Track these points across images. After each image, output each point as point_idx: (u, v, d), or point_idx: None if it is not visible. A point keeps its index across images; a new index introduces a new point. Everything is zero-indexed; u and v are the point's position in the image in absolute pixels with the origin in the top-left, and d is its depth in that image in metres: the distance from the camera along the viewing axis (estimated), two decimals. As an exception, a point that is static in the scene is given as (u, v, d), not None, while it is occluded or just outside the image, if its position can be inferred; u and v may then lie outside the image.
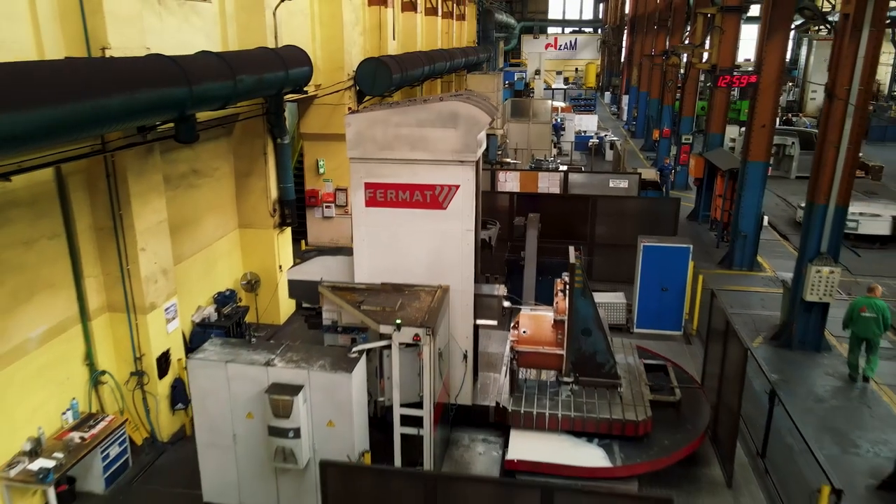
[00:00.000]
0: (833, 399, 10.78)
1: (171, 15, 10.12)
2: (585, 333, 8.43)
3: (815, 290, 11.72)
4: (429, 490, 5.43)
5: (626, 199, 16.15)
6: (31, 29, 7.41)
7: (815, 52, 45.31)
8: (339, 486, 5.62)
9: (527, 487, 5.51)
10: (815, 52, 45.53)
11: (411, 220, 8.50)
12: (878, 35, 10.59)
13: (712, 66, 19.10)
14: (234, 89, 9.31)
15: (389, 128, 8.19)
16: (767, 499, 8.28)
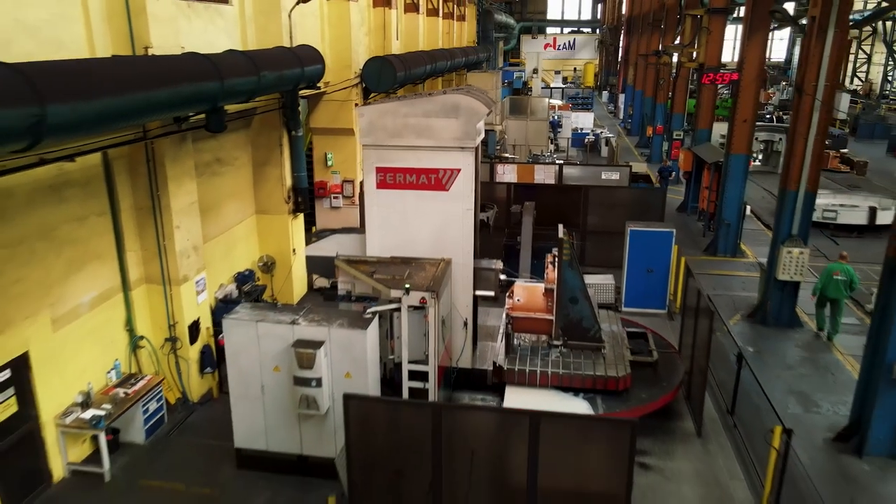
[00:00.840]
0: (801, 367, 11.82)
1: (197, 17, 11.14)
2: (573, 301, 9.48)
3: (786, 269, 12.77)
4: (435, 418, 6.47)
5: (616, 189, 17.20)
6: (84, 30, 8.44)
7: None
8: (359, 417, 6.66)
9: (518, 414, 6.57)
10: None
11: (417, 200, 9.55)
12: (841, 36, 11.64)
13: (700, 64, 20.15)
14: (258, 84, 10.35)
15: (398, 118, 9.23)
16: (733, 447, 9.33)
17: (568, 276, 9.35)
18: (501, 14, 51.76)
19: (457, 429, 6.63)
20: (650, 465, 8.87)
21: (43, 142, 6.13)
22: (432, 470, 6.69)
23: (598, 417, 7.45)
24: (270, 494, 8.52)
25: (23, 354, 7.97)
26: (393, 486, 6.84)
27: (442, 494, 6.73)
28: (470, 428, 6.64)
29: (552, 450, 6.40)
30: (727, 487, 8.52)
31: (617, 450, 6.39)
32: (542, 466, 6.44)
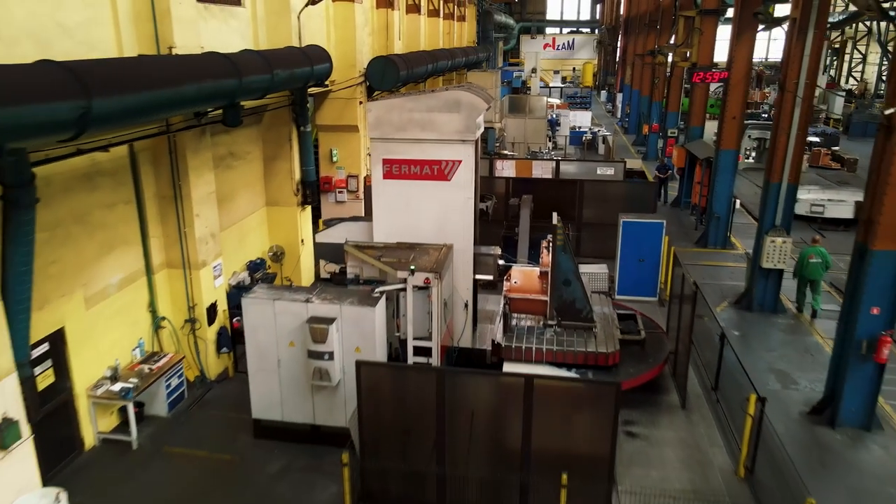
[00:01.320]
0: (782, 349, 12.52)
1: (213, 18, 11.84)
2: (566, 283, 10.18)
3: (770, 257, 13.46)
4: (439, 381, 7.18)
5: (610, 183, 17.90)
6: (113, 32, 9.14)
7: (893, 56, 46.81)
8: (370, 381, 7.37)
9: (514, 377, 7.28)
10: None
11: (421, 189, 10.26)
12: (820, 36, 12.35)
13: (693, 64, 20.85)
14: (272, 81, 11.05)
15: (404, 113, 9.94)
16: (715, 418, 10.05)
17: (561, 259, 10.05)
18: (501, 14, 52.46)
19: (458, 392, 7.33)
20: (637, 433, 9.58)
21: (87, 132, 6.84)
22: (436, 429, 7.40)
23: (585, 379, 8.17)
24: (286, 461, 9.22)
25: (59, 330, 8.67)
26: (400, 444, 7.54)
27: (445, 452, 7.43)
28: (470, 391, 7.34)
29: (544, 411, 7.11)
30: (707, 453, 9.23)
31: (602, 411, 7.09)
32: (535, 428, 7.15)
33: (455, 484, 7.51)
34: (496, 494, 7.55)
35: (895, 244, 8.98)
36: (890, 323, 9.29)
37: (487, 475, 7.46)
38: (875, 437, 9.71)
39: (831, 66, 55.05)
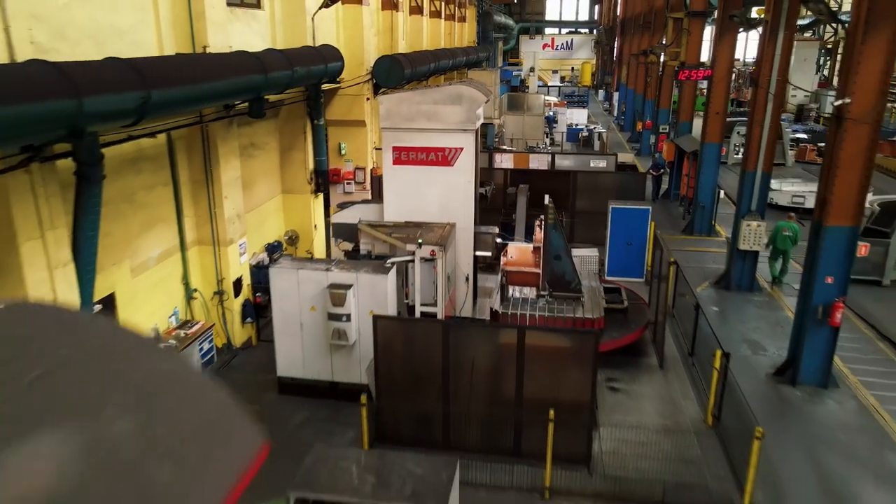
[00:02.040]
0: (755, 322, 13.73)
1: (237, 20, 13.05)
2: (556, 258, 11.38)
3: (746, 240, 14.66)
4: (444, 332, 8.38)
5: (601, 174, 19.10)
6: (155, 33, 10.34)
7: (795, 52, 48.23)
8: (385, 333, 8.57)
9: (509, 327, 8.48)
10: (795, 53, 48.45)
11: (427, 174, 11.46)
12: (790, 37, 13.55)
13: (681, 63, 22.05)
14: (292, 78, 12.26)
15: (412, 105, 11.14)
16: (689, 378, 11.26)
17: (553, 236, 11.26)
18: (501, 15, 53.69)
19: (461, 342, 8.54)
20: (618, 388, 10.79)
21: (145, 118, 8.06)
22: (441, 376, 8.60)
23: (569, 329, 9.40)
24: (308, 413, 10.42)
25: (111, 294, 9.88)
26: (411, 389, 8.75)
27: (449, 395, 8.64)
28: (471, 341, 8.55)
29: (534, 358, 8.31)
30: (680, 405, 10.44)
31: (583, 358, 8.29)
32: (527, 373, 8.35)
33: (458, 423, 8.71)
34: (494, 432, 8.76)
35: (845, 221, 10.18)
36: (842, 290, 10.49)
37: (486, 414, 8.67)
38: (831, 394, 10.92)
39: (824, 66, 56.26)
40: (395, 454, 5.91)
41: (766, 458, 9.12)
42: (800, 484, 8.74)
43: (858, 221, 10.25)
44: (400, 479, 5.45)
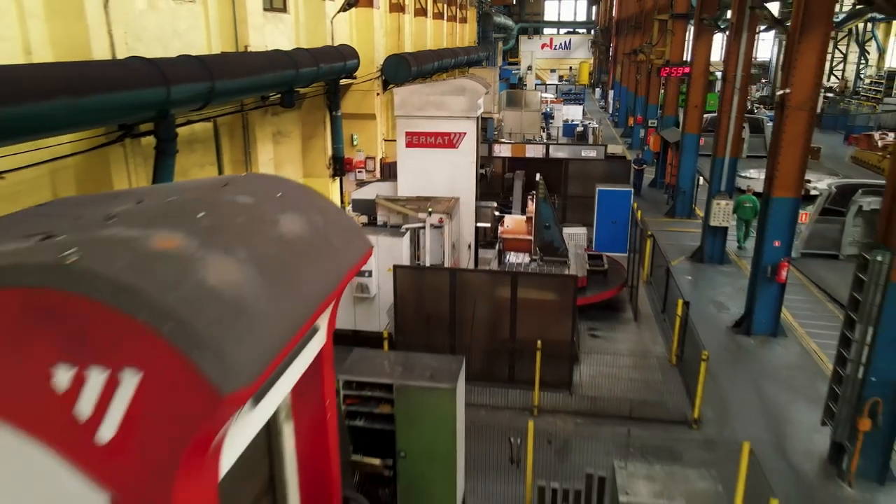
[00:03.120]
0: (722, 288, 15.63)
1: (268, 23, 14.95)
2: (546, 227, 13.27)
3: (716, 217, 16.56)
4: (451, 278, 10.27)
5: (591, 162, 20.97)
6: (205, 35, 12.25)
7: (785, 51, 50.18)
8: (403, 280, 10.46)
9: (504, 274, 10.38)
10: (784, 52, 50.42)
11: (435, 155, 13.34)
12: (751, 37, 15.44)
13: (666, 61, 23.94)
14: (317, 73, 14.17)
15: (422, 96, 13.03)
16: (659, 329, 13.15)
17: (543, 208, 13.15)
18: (500, 16, 55.60)
19: (464, 286, 10.44)
20: (598, 335, 12.70)
21: (210, 104, 9.96)
22: (449, 315, 10.50)
23: (553, 273, 11.31)
24: (335, 355, 12.28)
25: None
26: (423, 325, 10.65)
27: (455, 331, 10.53)
28: (473, 285, 10.46)
29: (525, 298, 10.20)
30: (649, 348, 12.35)
31: (565, 299, 10.19)
32: (519, 311, 10.24)
33: (461, 353, 10.58)
34: (492, 362, 10.66)
35: (788, 193, 12.06)
36: (787, 252, 12.38)
37: (486, 348, 10.57)
38: (779, 341, 12.82)
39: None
40: (417, 354, 7.80)
41: (717, 389, 11.07)
42: (743, 405, 10.63)
43: (799, 193, 12.14)
44: (421, 368, 7.33)
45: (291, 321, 2.79)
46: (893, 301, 7.94)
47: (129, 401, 2.33)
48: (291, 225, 3.29)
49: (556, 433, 9.65)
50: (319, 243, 3.37)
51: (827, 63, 56.99)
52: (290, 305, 2.82)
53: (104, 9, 8.72)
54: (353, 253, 3.75)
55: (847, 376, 8.48)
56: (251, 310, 2.55)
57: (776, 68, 53.91)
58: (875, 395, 8.27)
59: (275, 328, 2.64)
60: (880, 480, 8.64)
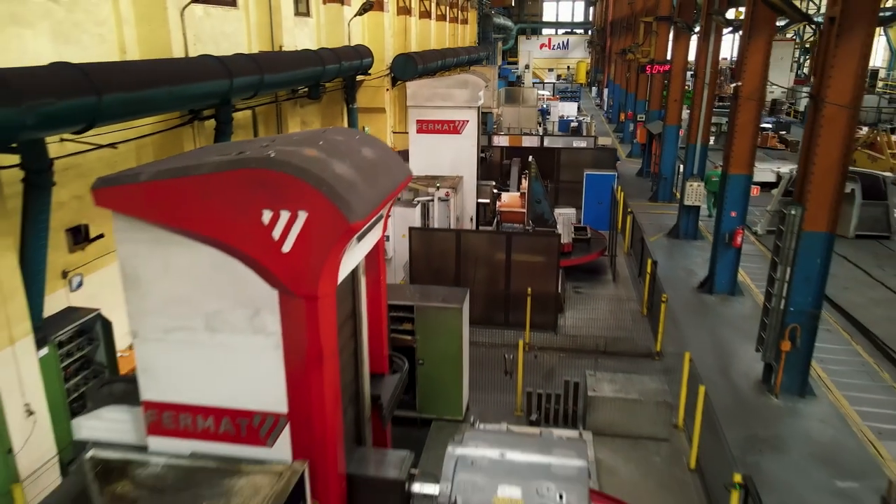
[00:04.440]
0: (693, 259, 17.79)
1: (296, 26, 17.11)
2: (537, 202, 15.42)
3: (689, 197, 18.72)
4: (457, 238, 12.43)
5: (581, 150, 23.15)
6: (247, 36, 14.41)
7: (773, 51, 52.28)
8: (418, 239, 12.62)
9: (500, 234, 12.54)
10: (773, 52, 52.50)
11: (441, 140, 15.52)
12: (717, 39, 17.60)
13: (651, 59, 26.09)
14: (339, 70, 16.34)
15: (431, 88, 15.21)
16: (634, 289, 15.31)
17: (534, 185, 15.30)
18: (500, 17, 57.73)
19: (467, 244, 12.61)
20: (581, 291, 14.87)
21: (258, 94, 12.12)
22: (455, 269, 12.66)
23: (541, 232, 13.53)
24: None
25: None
26: (433, 278, 12.80)
27: (460, 282, 12.69)
28: (475, 243, 12.62)
29: (518, 254, 12.36)
30: (624, 302, 14.52)
31: (551, 256, 12.36)
32: (513, 268, 12.39)
33: (466, 303, 12.75)
34: (491, 308, 12.82)
35: (742, 170, 14.22)
36: (742, 221, 14.54)
37: (486, 296, 12.73)
38: (737, 298, 14.99)
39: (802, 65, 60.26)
40: (431, 286, 9.97)
41: (680, 334, 13.23)
42: (699, 344, 12.79)
43: (750, 171, 14.31)
44: (435, 295, 9.47)
45: (375, 199, 4.97)
46: (805, 246, 10.09)
47: (301, 228, 4.51)
48: (367, 152, 5.46)
49: (543, 363, 11.82)
50: (383, 164, 5.54)
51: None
52: (374, 191, 5.00)
53: (181, 16, 10.90)
54: (402, 174, 5.91)
55: (772, 308, 10.64)
56: (358, 187, 4.74)
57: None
58: (794, 322, 10.43)
59: (369, 199, 4.82)
60: (800, 393, 10.81)
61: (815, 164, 9.73)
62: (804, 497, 8.67)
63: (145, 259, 4.89)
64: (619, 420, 9.45)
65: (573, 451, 5.38)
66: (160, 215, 4.67)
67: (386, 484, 5.50)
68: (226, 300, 4.88)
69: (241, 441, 5.17)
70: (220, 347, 5.00)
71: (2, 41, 8.15)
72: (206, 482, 4.75)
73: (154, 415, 5.25)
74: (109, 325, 9.53)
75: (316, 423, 5.03)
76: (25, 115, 6.57)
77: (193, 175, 4.53)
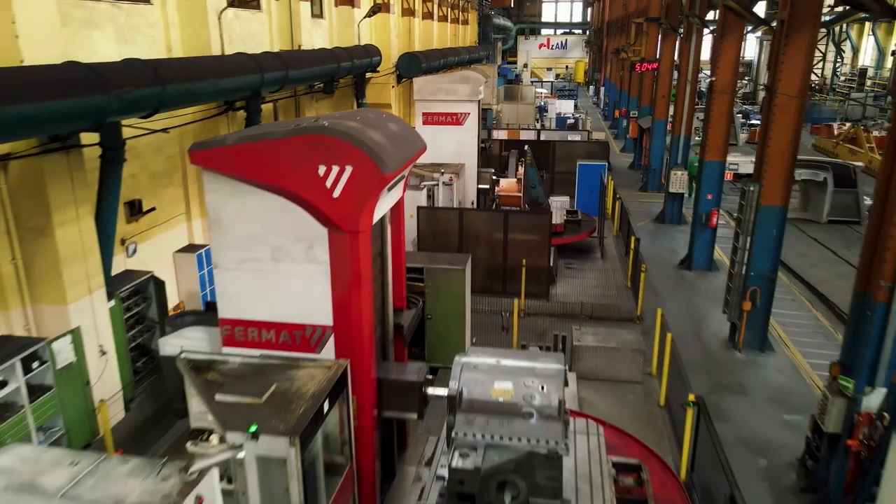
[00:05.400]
0: (676, 241, 19.32)
1: (312, 27, 18.67)
2: (532, 187, 16.98)
3: (674, 184, 20.26)
4: (460, 216, 13.98)
5: (575, 143, 24.70)
6: (269, 36, 15.96)
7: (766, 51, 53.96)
8: (426, 218, 14.17)
9: (498, 212, 14.09)
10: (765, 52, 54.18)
11: (445, 131, 17.06)
12: (699, 39, 19.14)
13: (641, 58, 27.63)
14: (352, 67, 17.89)
15: (435, 84, 16.76)
16: (621, 266, 16.86)
17: (530, 172, 16.85)
18: (499, 18, 59.29)
19: (469, 222, 14.16)
20: (572, 267, 16.42)
21: (283, 88, 13.67)
22: (458, 244, 14.21)
23: (533, 210, 15.07)
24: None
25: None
26: (439, 251, 14.34)
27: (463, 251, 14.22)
28: (475, 221, 14.18)
29: (514, 231, 13.90)
30: (611, 276, 16.07)
31: (542, 233, 13.90)
32: (509, 243, 13.94)
33: (468, 274, 14.28)
34: (490, 277, 14.37)
35: (716, 156, 15.76)
36: (717, 203, 16.08)
37: (486, 268, 14.28)
38: (713, 274, 16.53)
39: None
40: (438, 252, 11.49)
41: (660, 303, 14.74)
42: (676, 312, 14.31)
43: (724, 158, 15.86)
44: (442, 259, 11.01)
45: (401, 159, 6.52)
46: (762, 219, 11.63)
47: (348, 178, 6.06)
48: (392, 126, 7.01)
49: (536, 325, 13.36)
50: (405, 136, 7.08)
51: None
52: (400, 154, 6.56)
53: (218, 19, 12.46)
54: (419, 144, 7.45)
55: (735, 273, 12.19)
56: (389, 149, 6.29)
57: (757, 68, 57.70)
58: (754, 285, 11.97)
59: (397, 159, 6.38)
60: (761, 348, 12.35)
61: (769, 147, 11.27)
62: (755, 427, 10.21)
63: (226, 205, 6.44)
64: (600, 366, 11.00)
65: (553, 359, 6.92)
66: (240, 171, 6.21)
67: (407, 385, 7.04)
68: (287, 236, 6.42)
69: (296, 349, 6.71)
70: (281, 274, 6.55)
71: (79, 41, 9.70)
72: (274, 372, 6.29)
73: (228, 329, 6.80)
74: (162, 284, 11.09)
75: (354, 333, 6.58)
76: (113, 101, 8.11)
77: (267, 139, 6.08)
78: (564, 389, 6.43)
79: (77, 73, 7.73)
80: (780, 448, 9.68)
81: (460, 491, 6.22)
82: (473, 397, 6.48)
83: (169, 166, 12.44)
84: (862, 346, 7.61)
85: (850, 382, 7.82)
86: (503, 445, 6.29)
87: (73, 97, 7.57)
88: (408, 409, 7.15)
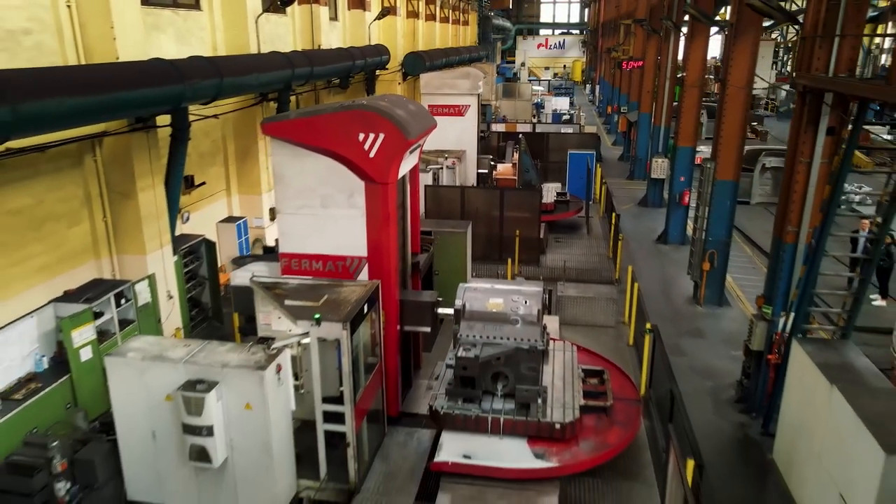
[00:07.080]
0: (657, 221, 21.41)
1: (329, 29, 20.78)
2: (525, 171, 19.09)
3: (655, 171, 22.39)
4: (462, 193, 16.11)
5: (567, 135, 26.81)
6: (292, 37, 18.09)
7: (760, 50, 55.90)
8: (431, 195, 16.30)
9: (495, 189, 16.23)
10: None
11: (448, 121, 19.18)
12: (676, 40, 21.26)
13: (629, 57, 29.76)
14: (365, 65, 20.03)
15: (439, 79, 18.89)
16: (604, 239, 18.99)
17: (523, 158, 18.98)
18: (499, 18, 61.44)
19: (470, 198, 16.30)
20: (561, 241, 18.56)
21: (308, 83, 15.79)
22: (460, 217, 16.33)
23: (525, 188, 17.24)
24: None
25: (273, 184, 17.61)
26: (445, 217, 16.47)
27: (464, 228, 16.37)
28: (475, 197, 16.32)
29: (509, 206, 16.04)
30: (595, 248, 18.19)
31: (533, 209, 16.04)
32: (505, 216, 16.08)
33: (469, 244, 16.42)
34: (488, 246, 16.51)
35: (687, 143, 17.89)
36: (689, 184, 18.21)
37: (484, 237, 16.41)
38: (686, 247, 18.60)
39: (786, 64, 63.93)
40: (444, 220, 13.60)
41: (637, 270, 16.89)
42: (650, 276, 16.44)
43: (694, 144, 17.97)
44: (447, 224, 13.14)
45: (419, 130, 8.67)
46: (718, 191, 13.74)
47: (381, 143, 8.22)
48: (411, 107, 9.15)
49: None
50: (421, 114, 9.22)
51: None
52: (418, 125, 8.71)
53: (255, 23, 14.60)
54: (431, 121, 9.58)
55: (696, 239, 14.31)
56: (410, 122, 8.45)
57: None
58: (711, 248, 14.09)
59: (416, 129, 8.53)
60: (719, 303, 14.48)
61: (722, 130, 13.40)
62: (707, 360, 12.35)
63: (288, 165, 8.58)
64: (580, 313, 13.11)
65: (534, 285, 9.07)
66: (300, 138, 8.35)
67: (423, 305, 9.18)
68: (333, 188, 8.56)
69: (338, 276, 8.86)
70: (328, 217, 8.69)
71: (151, 41, 11.83)
72: (324, 289, 8.44)
73: (287, 261, 8.95)
74: (213, 245, 13.20)
75: (384, 262, 8.72)
76: (187, 90, 10.24)
77: (322, 115, 8.23)
78: (544, 311, 8.57)
79: (162, 67, 9.85)
80: (725, 374, 11.82)
81: (463, 375, 8.40)
82: (473, 309, 8.65)
83: (213, 148, 14.58)
84: (777, 279, 9.72)
85: (769, 309, 9.94)
86: (496, 343, 8.47)
87: (160, 86, 9.69)
88: (423, 323, 9.29)
